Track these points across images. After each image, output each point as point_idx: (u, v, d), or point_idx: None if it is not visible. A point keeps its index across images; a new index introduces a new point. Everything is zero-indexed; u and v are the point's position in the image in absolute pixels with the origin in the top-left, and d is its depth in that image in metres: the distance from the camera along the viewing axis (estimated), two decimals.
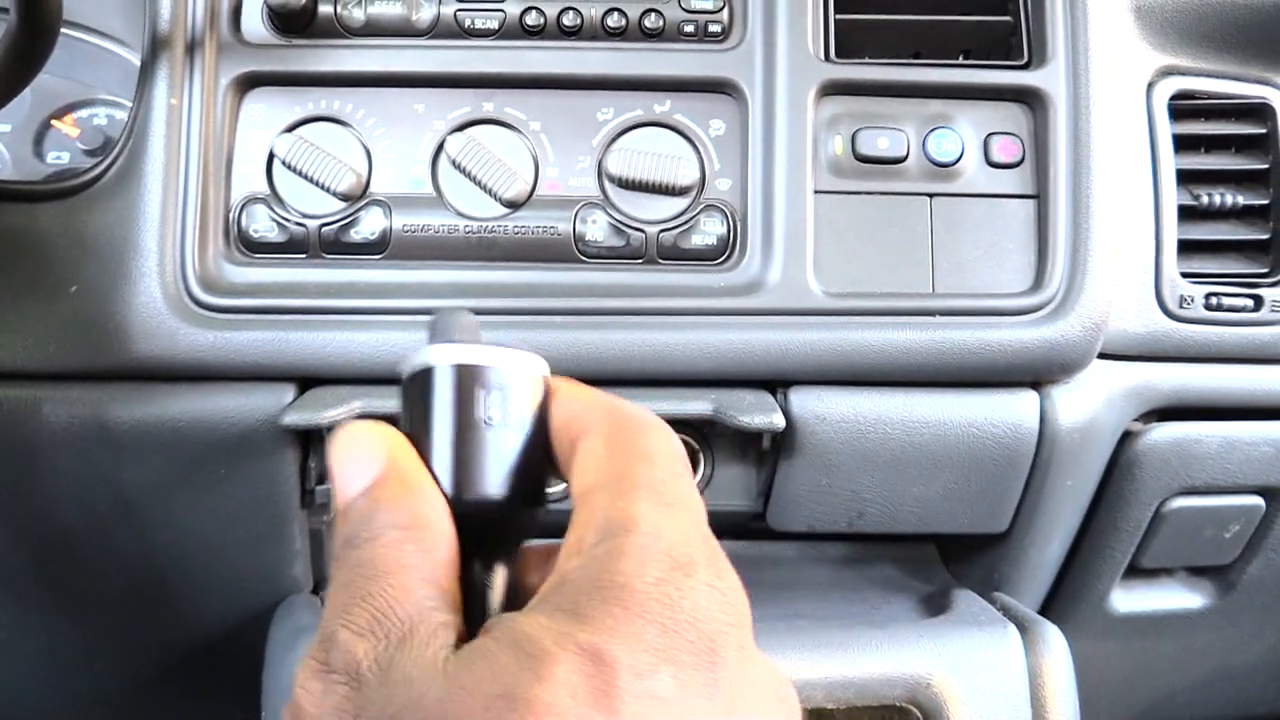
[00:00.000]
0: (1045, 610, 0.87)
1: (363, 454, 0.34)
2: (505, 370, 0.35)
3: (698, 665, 0.29)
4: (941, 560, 0.85)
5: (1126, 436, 0.79)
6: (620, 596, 0.30)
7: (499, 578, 0.35)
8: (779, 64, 0.69)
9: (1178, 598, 0.90)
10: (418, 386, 0.35)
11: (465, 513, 0.34)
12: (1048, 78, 0.70)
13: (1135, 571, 0.87)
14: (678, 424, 0.73)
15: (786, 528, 0.75)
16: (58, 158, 0.84)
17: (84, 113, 0.87)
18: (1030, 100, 0.70)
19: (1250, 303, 0.78)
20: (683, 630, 0.29)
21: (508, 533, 0.36)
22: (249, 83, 0.69)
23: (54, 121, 0.87)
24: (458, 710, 0.28)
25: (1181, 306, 0.77)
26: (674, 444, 0.35)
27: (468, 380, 0.34)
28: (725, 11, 0.70)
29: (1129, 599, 0.88)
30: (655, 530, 0.31)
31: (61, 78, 0.85)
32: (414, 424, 0.35)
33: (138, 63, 0.70)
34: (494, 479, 0.34)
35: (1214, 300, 0.78)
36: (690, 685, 0.29)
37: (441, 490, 0.34)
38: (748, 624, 0.32)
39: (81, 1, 0.84)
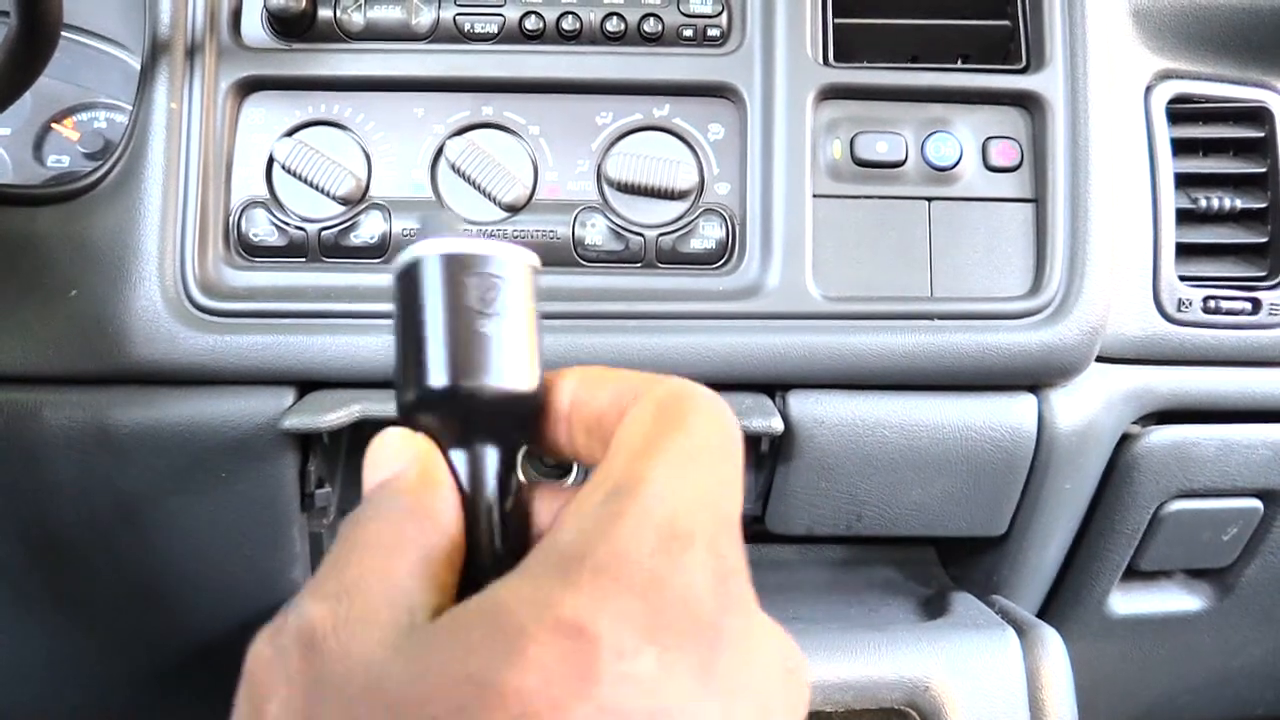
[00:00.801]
0: (1043, 613, 0.87)
1: (391, 454, 0.34)
2: (496, 258, 0.34)
3: (684, 646, 0.28)
4: (940, 563, 0.85)
5: (1125, 439, 0.79)
6: (609, 566, 0.28)
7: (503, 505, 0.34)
8: (777, 68, 0.69)
9: (1176, 600, 0.90)
10: (408, 280, 0.34)
11: (460, 400, 0.33)
12: (1045, 82, 0.70)
13: (1133, 574, 0.87)
14: None
15: (785, 530, 0.75)
16: (58, 161, 0.84)
17: (84, 116, 0.87)
18: (1028, 104, 0.71)
19: (1248, 306, 0.78)
20: (670, 608, 0.28)
21: (503, 431, 0.35)
22: (249, 87, 0.69)
23: (54, 125, 0.87)
24: (421, 695, 0.26)
25: (1179, 310, 0.77)
26: (721, 418, 0.33)
27: (458, 268, 0.34)
28: (724, 16, 0.70)
29: (1127, 602, 0.88)
30: (661, 495, 0.30)
31: (61, 81, 0.85)
32: (406, 317, 0.34)
33: (137, 66, 0.70)
34: (492, 366, 0.33)
35: (1212, 303, 0.78)
36: (676, 666, 0.27)
37: (437, 381, 0.33)
38: (747, 603, 0.30)
39: (81, 4, 0.84)
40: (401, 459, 0.34)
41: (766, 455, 0.71)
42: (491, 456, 0.34)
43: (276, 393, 0.67)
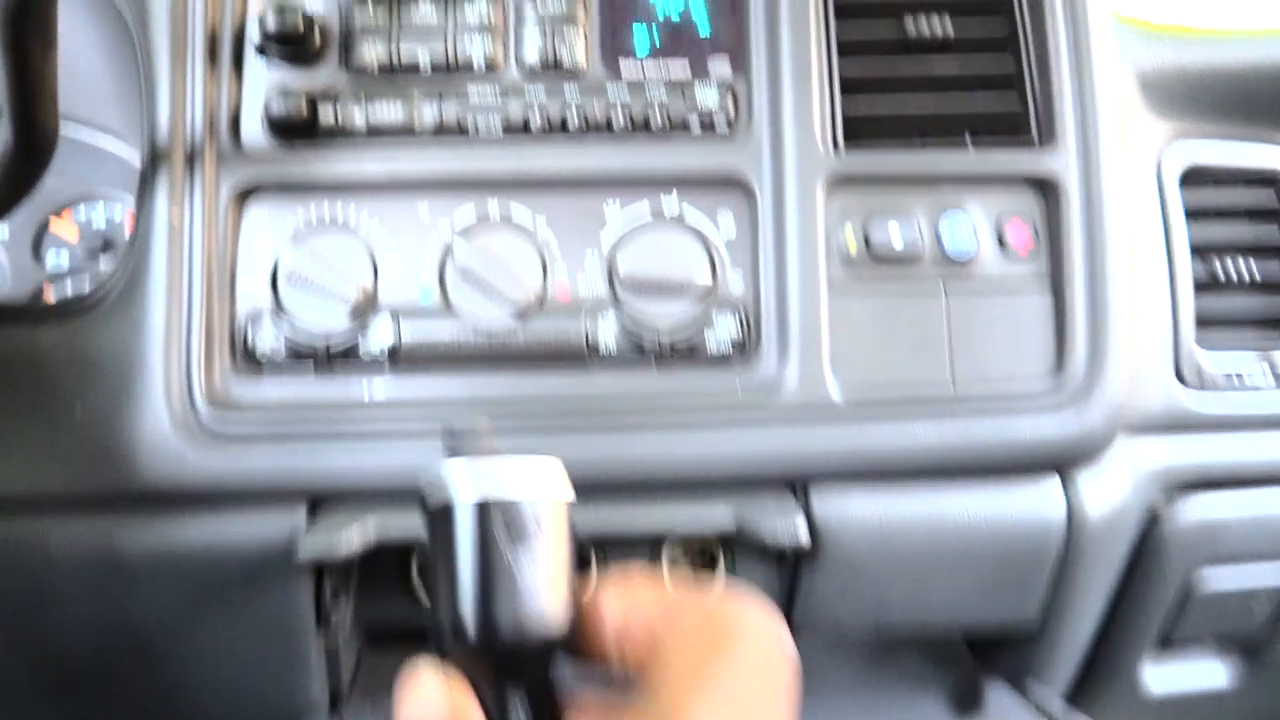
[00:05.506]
0: (1076, 692, 0.85)
1: (423, 694, 0.34)
2: (530, 502, 0.35)
3: None
4: (969, 650, 0.83)
5: (1153, 512, 0.78)
6: None
7: None
8: (787, 157, 0.68)
9: (1207, 675, 0.88)
10: (440, 522, 0.35)
11: (494, 649, 0.34)
12: (1058, 162, 0.69)
13: (1163, 647, 0.85)
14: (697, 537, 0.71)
15: (811, 631, 0.73)
16: (57, 266, 0.83)
17: (81, 209, 0.86)
18: (1042, 185, 0.70)
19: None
20: None
21: (537, 666, 0.36)
22: (250, 191, 0.68)
23: (52, 218, 0.86)
24: None
25: (1201, 379, 0.76)
26: (769, 645, 0.32)
27: (492, 518, 0.34)
28: (730, 105, 0.69)
29: (1159, 677, 0.86)
30: None
31: (57, 176, 0.84)
32: (440, 561, 0.35)
33: (134, 158, 0.69)
34: (526, 616, 0.34)
35: (1233, 370, 0.77)
36: None
37: (471, 632, 0.34)
38: None
39: (76, 98, 0.83)
40: (433, 699, 0.34)
41: (789, 556, 0.69)
42: (524, 692, 0.35)
43: (287, 511, 0.65)
